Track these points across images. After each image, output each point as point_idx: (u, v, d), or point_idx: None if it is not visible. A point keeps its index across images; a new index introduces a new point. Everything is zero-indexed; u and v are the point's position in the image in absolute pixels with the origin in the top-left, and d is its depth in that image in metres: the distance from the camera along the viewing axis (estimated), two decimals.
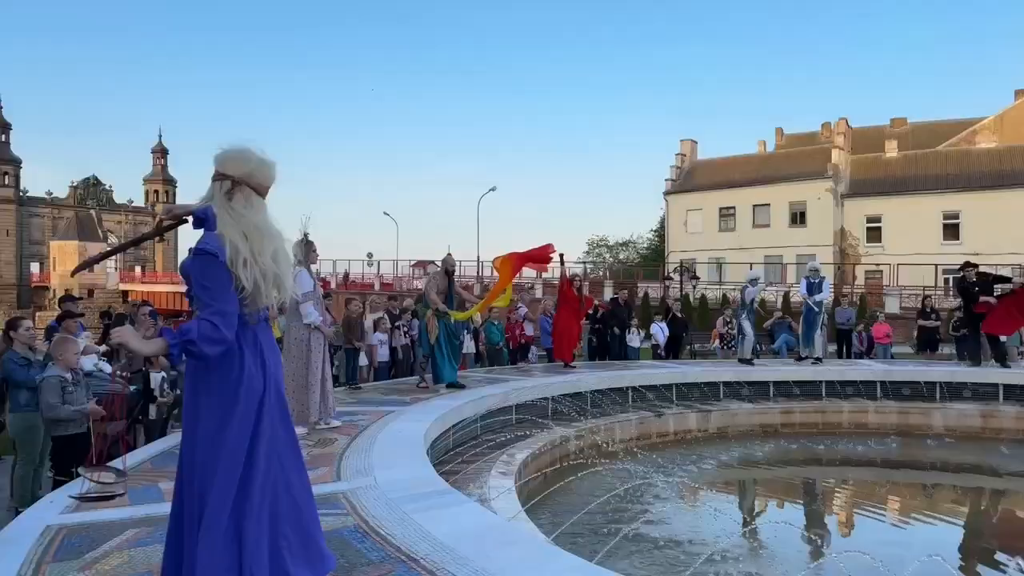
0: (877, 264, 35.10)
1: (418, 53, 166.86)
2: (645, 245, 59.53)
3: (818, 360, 12.36)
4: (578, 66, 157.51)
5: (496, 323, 13.57)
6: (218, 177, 2.61)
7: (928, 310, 16.35)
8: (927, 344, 16.00)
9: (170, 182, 79.23)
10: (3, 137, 68.03)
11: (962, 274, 12.27)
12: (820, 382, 11.56)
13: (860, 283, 33.06)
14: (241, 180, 2.59)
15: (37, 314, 51.01)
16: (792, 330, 15.84)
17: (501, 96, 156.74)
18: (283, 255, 2.66)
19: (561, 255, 12.14)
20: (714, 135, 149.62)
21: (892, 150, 40.82)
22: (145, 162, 79.84)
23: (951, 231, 36.52)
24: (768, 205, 41.44)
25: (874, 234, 38.86)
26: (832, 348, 16.17)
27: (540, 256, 9.99)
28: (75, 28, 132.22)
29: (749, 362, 12.26)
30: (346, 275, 48.46)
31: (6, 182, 68.29)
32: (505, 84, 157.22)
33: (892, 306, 25.80)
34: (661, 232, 51.36)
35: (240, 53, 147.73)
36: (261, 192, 2.68)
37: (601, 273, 49.46)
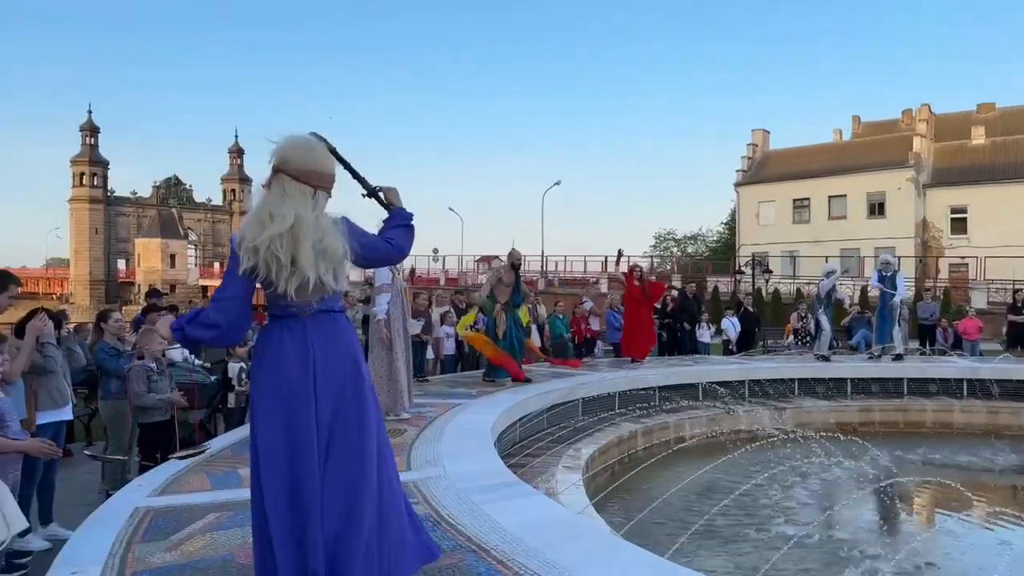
0: (962, 257, 33.42)
1: (478, 48, 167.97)
2: (715, 238, 58.35)
3: (899, 356, 11.86)
4: (648, 57, 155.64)
5: (561, 317, 13.52)
6: None
7: (1020, 304, 15.50)
8: (1018, 340, 15.18)
9: (246, 181, 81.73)
10: (92, 140, 71.32)
11: None
12: (901, 379, 11.09)
13: (944, 277, 31.58)
14: (279, 168, 2.56)
15: (123, 308, 53.58)
16: (871, 325, 15.28)
17: (568, 90, 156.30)
18: (300, 240, 2.45)
19: (619, 251, 12.17)
20: (787, 125, 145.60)
21: (979, 137, 38.77)
22: (222, 161, 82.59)
23: None
24: (844, 196, 39.99)
25: (959, 225, 37.04)
26: (914, 344, 15.52)
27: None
28: (149, 25, 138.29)
29: (826, 358, 11.86)
30: (412, 270, 49.22)
31: (95, 183, 71.61)
32: (571, 77, 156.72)
33: (979, 301, 24.63)
34: (732, 225, 50.23)
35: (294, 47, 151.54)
36: (307, 179, 2.55)
37: (669, 267, 48.72)
